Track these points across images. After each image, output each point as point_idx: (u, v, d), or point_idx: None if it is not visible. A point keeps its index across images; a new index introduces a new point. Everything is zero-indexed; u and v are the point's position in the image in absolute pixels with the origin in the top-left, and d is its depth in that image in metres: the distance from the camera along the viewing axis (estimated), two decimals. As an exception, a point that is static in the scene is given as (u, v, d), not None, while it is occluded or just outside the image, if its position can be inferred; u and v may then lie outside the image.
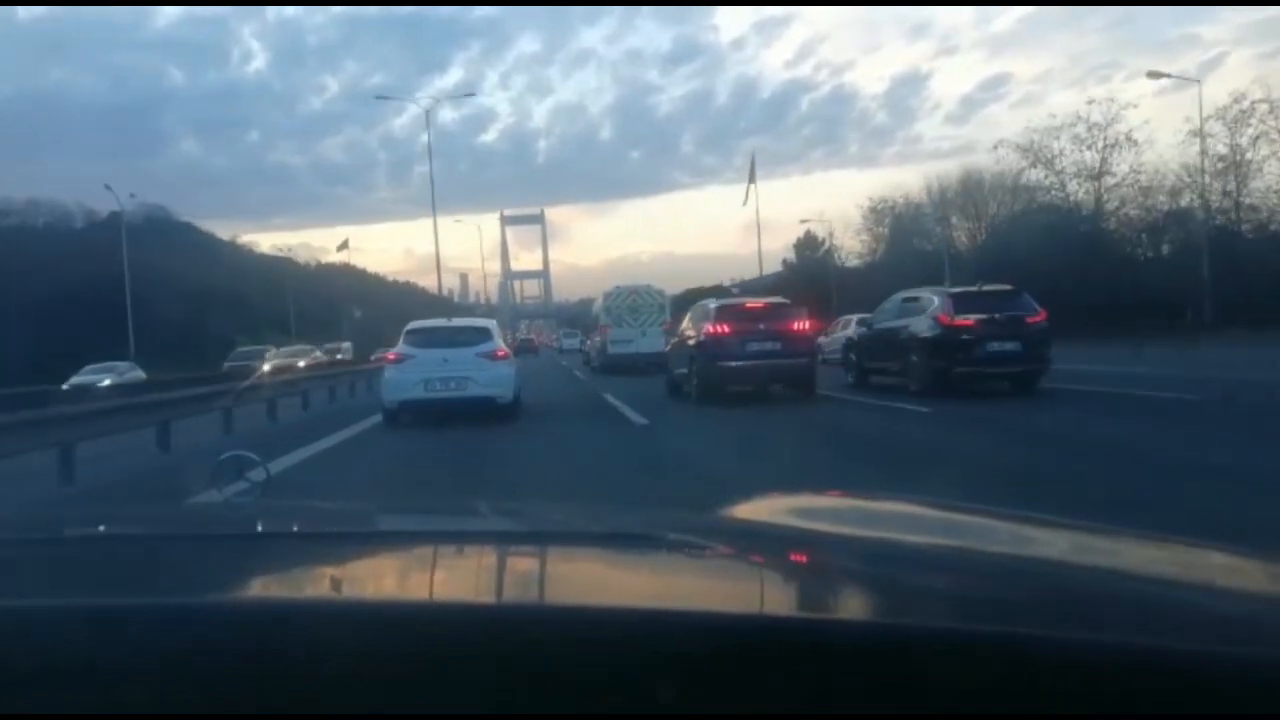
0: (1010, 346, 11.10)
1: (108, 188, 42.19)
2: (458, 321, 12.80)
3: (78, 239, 54.39)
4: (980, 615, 0.75)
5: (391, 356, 11.34)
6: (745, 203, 35.19)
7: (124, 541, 1.14)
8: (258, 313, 51.74)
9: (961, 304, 11.58)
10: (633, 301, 22.79)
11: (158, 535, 1.19)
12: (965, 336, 11.20)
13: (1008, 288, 12.15)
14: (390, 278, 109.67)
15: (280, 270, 67.59)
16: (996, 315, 11.30)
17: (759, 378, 12.12)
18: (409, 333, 11.33)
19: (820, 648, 0.62)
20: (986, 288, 12.30)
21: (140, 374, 26.92)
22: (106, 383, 21.97)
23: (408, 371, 10.76)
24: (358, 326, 52.86)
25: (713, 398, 11.86)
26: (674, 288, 25.01)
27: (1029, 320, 11.32)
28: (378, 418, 11.25)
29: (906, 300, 12.98)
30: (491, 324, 12.15)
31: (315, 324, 49.57)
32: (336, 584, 0.93)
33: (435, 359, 10.70)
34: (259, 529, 1.23)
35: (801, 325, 12.40)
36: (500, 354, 11.09)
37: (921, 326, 11.84)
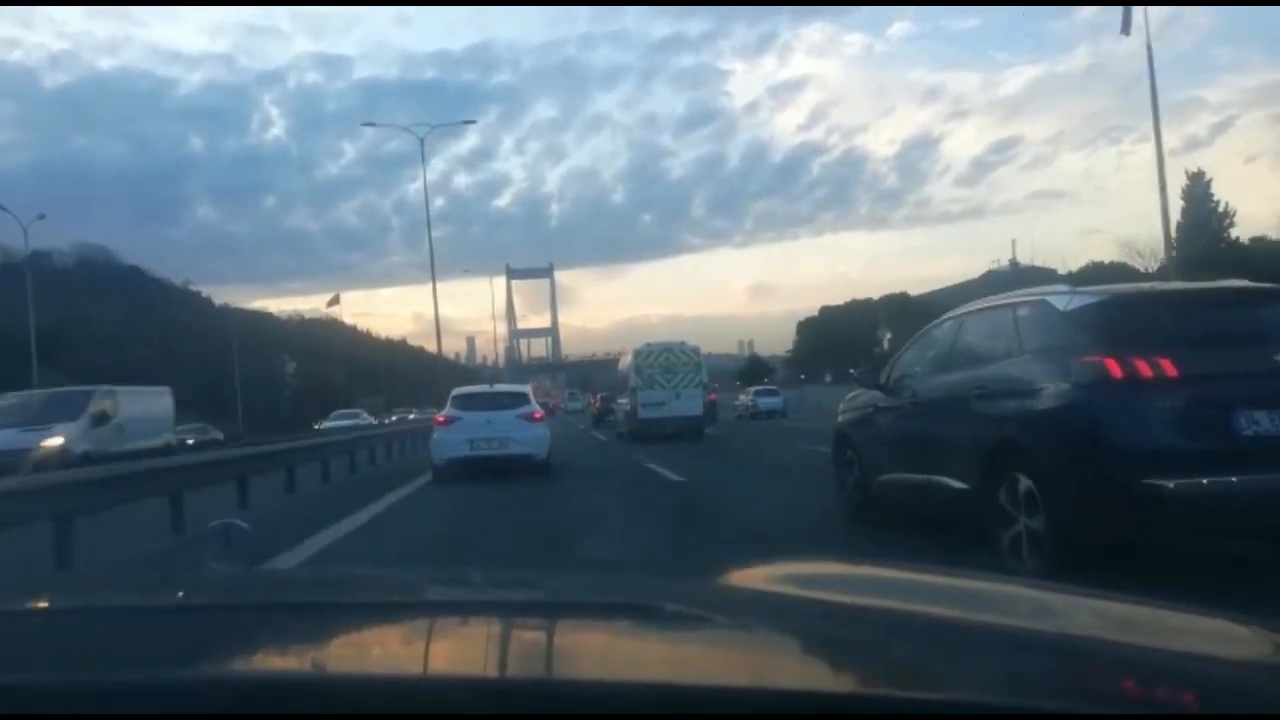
0: None
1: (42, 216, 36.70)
2: (499, 387, 15.04)
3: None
4: (986, 686, 0.77)
5: (440, 419, 12.96)
6: (1126, 30, 25.46)
7: (114, 614, 1.15)
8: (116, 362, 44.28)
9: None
10: (666, 360, 21.53)
11: (148, 607, 1.21)
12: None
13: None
14: (384, 336, 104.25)
15: (241, 323, 61.28)
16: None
17: None
18: (455, 397, 13.22)
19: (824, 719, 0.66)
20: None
21: None
22: None
23: (455, 432, 12.36)
24: (291, 386, 45.68)
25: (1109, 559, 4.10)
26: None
27: None
28: None
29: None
30: (528, 389, 14.38)
31: (218, 380, 42.09)
32: (331, 658, 0.95)
33: (480, 421, 12.33)
34: (248, 600, 1.26)
35: None
36: (537, 416, 12.86)
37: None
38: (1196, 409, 4.12)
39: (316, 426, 27.48)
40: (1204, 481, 4.01)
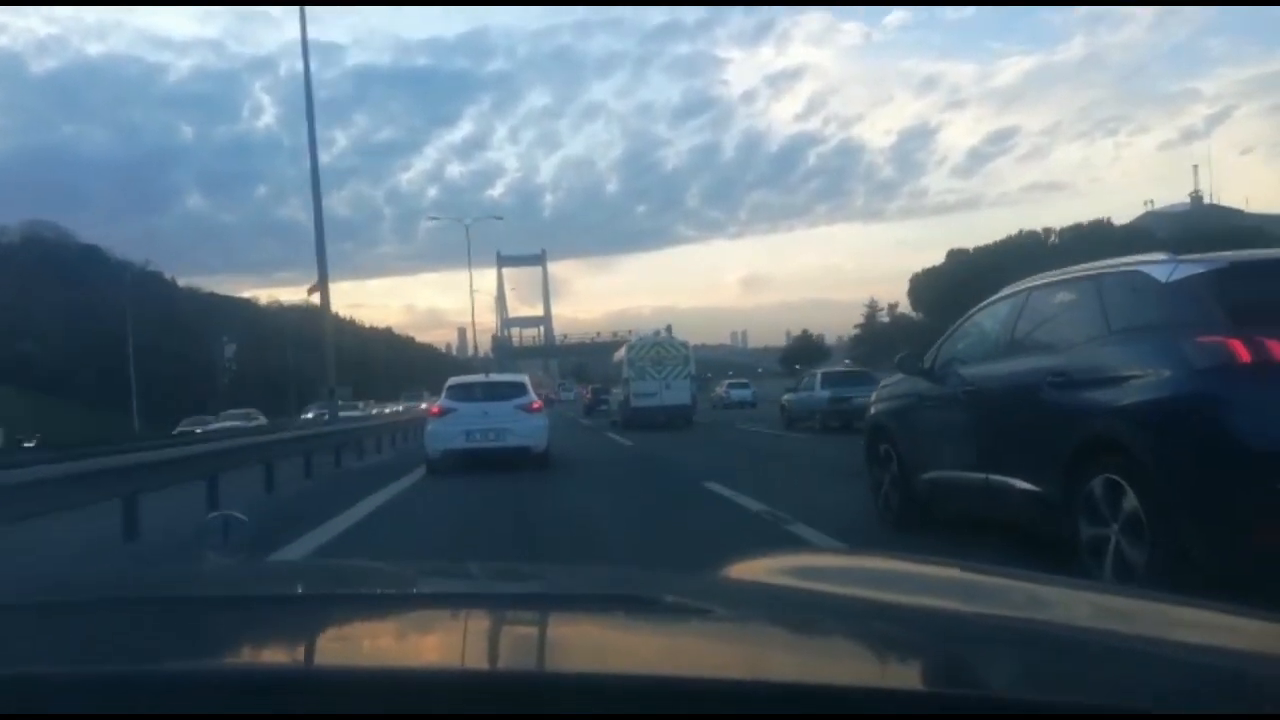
0: None
1: None
2: (495, 377, 17.25)
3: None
4: (987, 679, 0.81)
5: (435, 410, 13.24)
6: None
7: (111, 606, 1.17)
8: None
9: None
10: (656, 353, 23.79)
11: (146, 599, 1.24)
12: None
13: None
14: (369, 325, 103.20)
15: (211, 308, 60.37)
16: None
17: None
18: (450, 387, 13.38)
19: (823, 713, 0.67)
20: None
21: None
22: None
23: (450, 423, 12.42)
24: (229, 374, 44.47)
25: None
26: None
27: None
28: None
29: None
30: (525, 379, 14.25)
31: (160, 363, 40.93)
32: (328, 650, 0.98)
33: (476, 411, 12.45)
34: (246, 592, 1.29)
35: None
36: (535, 407, 12.89)
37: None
38: None
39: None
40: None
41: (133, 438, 30.73)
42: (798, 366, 55.05)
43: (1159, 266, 4.29)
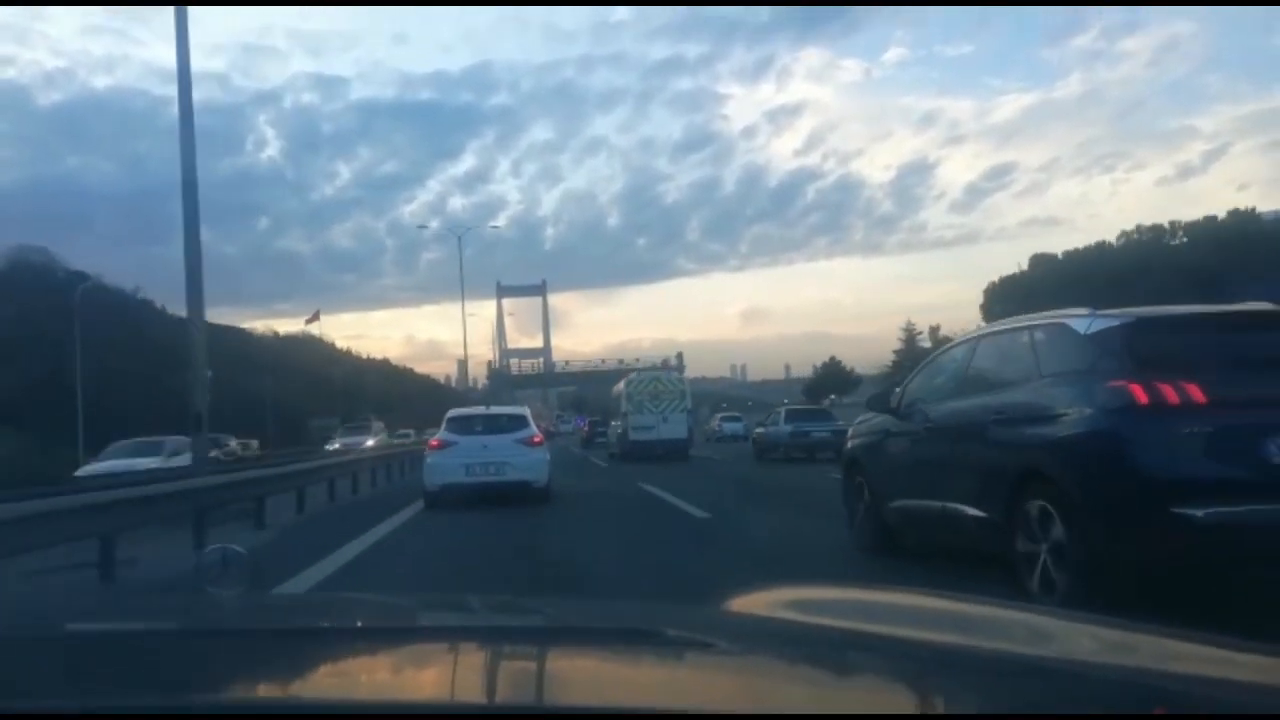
0: None
1: None
2: (496, 410, 16.55)
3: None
4: (985, 710, 0.82)
5: (435, 443, 12.97)
6: None
7: (111, 638, 1.22)
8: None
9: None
10: (654, 388, 24.86)
11: (145, 632, 1.30)
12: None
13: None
14: (366, 355, 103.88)
15: (172, 334, 60.50)
16: None
17: None
18: (450, 420, 13.24)
19: None
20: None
21: None
22: None
23: (450, 457, 12.38)
24: (205, 399, 44.72)
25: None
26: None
27: None
28: None
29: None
30: (526, 411, 14.19)
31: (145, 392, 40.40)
32: (329, 683, 0.99)
33: (476, 445, 12.42)
34: (246, 625, 1.33)
35: None
36: (536, 440, 12.74)
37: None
38: (1226, 436, 4.26)
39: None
40: (1234, 510, 4.14)
41: None
42: (832, 397, 52.99)
43: (1080, 320, 5.03)
